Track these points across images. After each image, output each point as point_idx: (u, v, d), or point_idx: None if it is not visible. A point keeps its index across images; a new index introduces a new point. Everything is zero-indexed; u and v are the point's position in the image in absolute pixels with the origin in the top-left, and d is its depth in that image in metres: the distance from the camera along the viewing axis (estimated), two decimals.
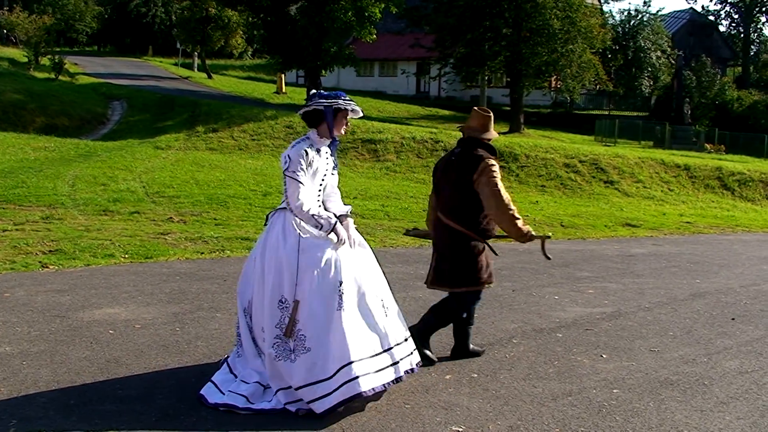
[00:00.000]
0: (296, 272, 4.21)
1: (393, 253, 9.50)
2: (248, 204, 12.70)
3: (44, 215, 10.48)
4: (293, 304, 4.19)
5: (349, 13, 29.72)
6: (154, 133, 22.42)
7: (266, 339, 4.25)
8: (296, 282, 4.20)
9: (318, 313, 4.18)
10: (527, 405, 4.46)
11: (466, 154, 5.09)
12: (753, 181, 22.59)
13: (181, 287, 6.98)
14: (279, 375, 4.21)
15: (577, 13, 33.00)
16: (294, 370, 4.14)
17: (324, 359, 4.12)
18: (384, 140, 21.42)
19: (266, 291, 4.26)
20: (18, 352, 4.94)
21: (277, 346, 4.20)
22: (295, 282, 4.21)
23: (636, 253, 10.92)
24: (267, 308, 4.24)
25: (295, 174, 4.32)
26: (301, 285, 4.20)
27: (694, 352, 5.76)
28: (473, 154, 5.06)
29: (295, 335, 4.17)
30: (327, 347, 4.14)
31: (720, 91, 42.85)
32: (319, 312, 4.18)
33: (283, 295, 4.22)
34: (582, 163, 21.25)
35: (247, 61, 59.68)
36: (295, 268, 4.21)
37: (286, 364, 4.16)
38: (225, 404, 4.18)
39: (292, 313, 4.18)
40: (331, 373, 4.10)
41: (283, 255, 4.25)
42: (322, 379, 4.10)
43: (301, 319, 4.17)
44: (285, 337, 4.18)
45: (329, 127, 4.47)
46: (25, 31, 36.48)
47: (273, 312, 4.23)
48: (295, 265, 4.22)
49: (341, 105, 4.48)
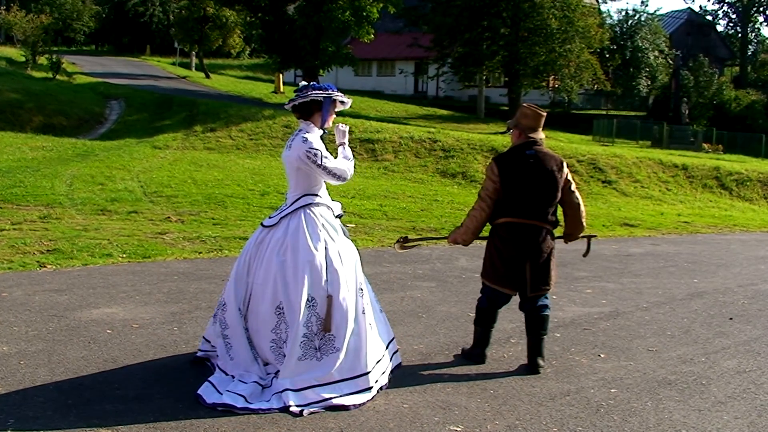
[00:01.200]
0: (325, 270, 4.31)
1: (391, 253, 9.49)
2: (246, 203, 12.69)
3: (42, 215, 10.46)
4: (327, 300, 4.27)
5: (347, 13, 29.71)
6: (151, 132, 22.39)
7: (290, 339, 4.26)
8: (326, 279, 4.31)
9: (346, 313, 4.32)
10: (525, 404, 4.46)
11: (545, 153, 5.04)
12: (751, 180, 22.61)
13: (179, 287, 6.98)
14: (297, 374, 4.23)
15: (574, 13, 33.04)
16: (319, 368, 4.24)
17: (351, 359, 4.29)
18: (382, 140, 21.42)
19: (291, 290, 4.29)
20: (16, 351, 4.94)
21: (303, 345, 4.25)
22: (325, 278, 4.31)
23: (634, 253, 10.92)
24: (294, 307, 4.27)
25: (327, 159, 4.45)
26: (331, 281, 4.32)
27: (692, 351, 5.77)
28: (553, 154, 5.07)
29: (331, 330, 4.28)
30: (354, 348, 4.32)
31: (718, 91, 42.92)
32: (347, 312, 4.33)
33: (311, 293, 4.29)
34: (580, 163, 21.26)
35: (244, 61, 59.63)
36: (325, 266, 4.32)
37: (311, 363, 4.24)
38: (223, 404, 4.17)
39: (328, 308, 4.26)
40: (356, 374, 4.29)
41: (309, 253, 4.32)
42: (347, 378, 4.27)
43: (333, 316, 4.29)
44: (322, 333, 4.27)
45: (323, 118, 4.55)
46: (22, 31, 36.41)
47: (302, 311, 4.26)
48: (322, 264, 4.31)
49: (337, 96, 4.56)
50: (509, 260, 4.97)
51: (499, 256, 5.00)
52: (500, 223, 5.01)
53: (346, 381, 4.27)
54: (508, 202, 4.97)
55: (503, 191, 4.96)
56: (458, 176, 19.59)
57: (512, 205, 4.96)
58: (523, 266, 4.97)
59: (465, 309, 6.60)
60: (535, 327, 5.05)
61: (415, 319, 6.29)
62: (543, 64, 33.66)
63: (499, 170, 4.96)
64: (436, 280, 7.96)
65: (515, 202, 4.96)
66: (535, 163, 4.98)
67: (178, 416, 4.06)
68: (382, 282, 7.52)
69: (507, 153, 5.11)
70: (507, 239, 4.97)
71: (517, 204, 4.96)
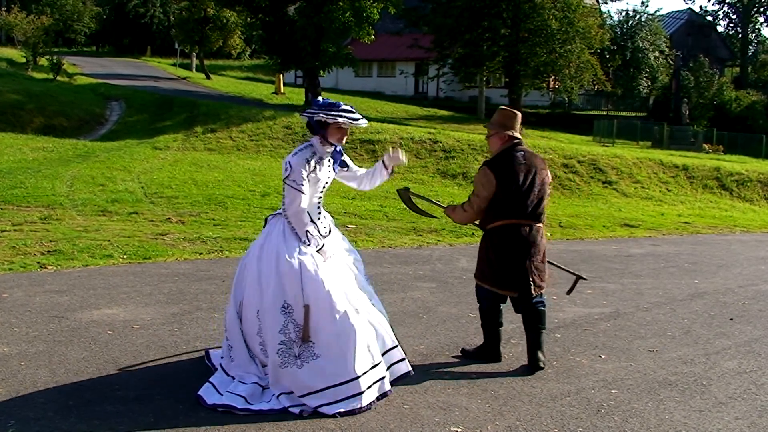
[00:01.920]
0: (300, 277, 4.22)
1: (392, 254, 9.49)
2: (247, 204, 12.69)
3: (42, 216, 10.47)
4: (304, 309, 4.19)
5: (348, 14, 29.69)
6: (152, 133, 22.39)
7: (269, 345, 4.25)
8: (302, 287, 4.21)
9: (326, 319, 4.20)
10: (526, 405, 4.46)
11: (531, 152, 5.15)
12: (751, 181, 22.60)
13: (180, 288, 6.98)
14: (281, 381, 4.22)
15: (575, 14, 33.03)
16: (300, 376, 4.17)
17: (335, 365, 4.17)
18: (382, 140, 21.41)
19: (266, 296, 4.26)
20: (16, 352, 4.94)
21: (281, 353, 4.20)
22: (301, 287, 4.21)
23: (634, 254, 10.92)
24: (269, 313, 4.24)
25: (296, 183, 4.32)
26: (306, 289, 4.21)
27: (692, 352, 5.77)
28: (535, 152, 5.17)
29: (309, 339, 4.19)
30: (337, 354, 4.19)
31: (718, 92, 42.90)
32: (327, 318, 4.20)
33: (286, 300, 4.22)
34: (580, 164, 21.25)
35: (245, 62, 59.62)
36: (299, 273, 4.22)
37: (291, 371, 4.18)
38: (223, 405, 4.17)
39: (305, 317, 4.18)
40: (342, 380, 4.16)
41: (284, 260, 4.25)
42: (332, 385, 4.14)
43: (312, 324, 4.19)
44: (302, 341, 4.19)
45: (323, 137, 4.45)
46: (23, 32, 36.42)
47: (276, 317, 4.22)
48: (298, 270, 4.22)
49: (322, 117, 4.38)
50: (510, 262, 4.97)
51: (498, 259, 5.00)
52: (497, 226, 5.01)
53: (332, 388, 4.16)
54: (505, 205, 4.97)
55: (500, 195, 4.96)
56: (459, 177, 19.58)
57: (508, 207, 4.97)
58: (524, 267, 4.98)
59: (465, 310, 6.60)
60: (534, 322, 5.09)
61: (416, 320, 6.29)
62: (543, 65, 33.65)
63: (496, 176, 4.96)
64: (436, 281, 7.96)
65: (511, 203, 4.97)
66: (526, 164, 5.03)
67: (179, 417, 4.06)
68: (382, 283, 7.52)
69: (498, 157, 5.08)
70: (506, 242, 4.98)
71: (514, 205, 4.97)
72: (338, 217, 11.48)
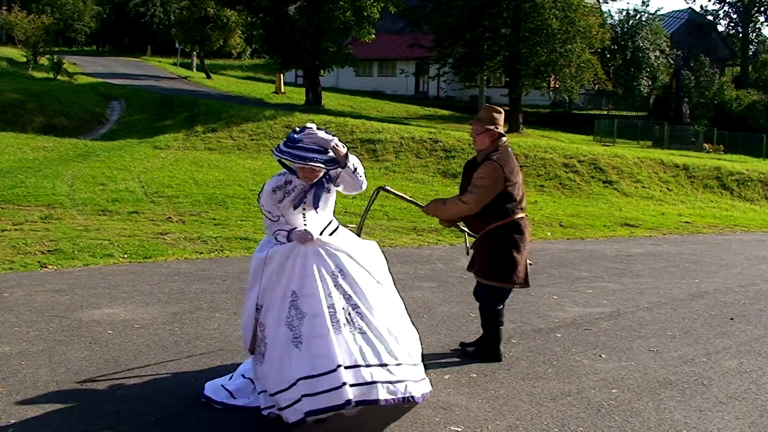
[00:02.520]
0: (261, 278, 4.15)
1: (392, 253, 9.49)
2: (247, 204, 12.69)
3: (43, 215, 10.47)
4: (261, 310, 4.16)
5: (348, 13, 29.71)
6: (152, 132, 22.39)
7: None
8: (262, 288, 4.13)
9: (271, 322, 4.06)
10: (526, 405, 4.46)
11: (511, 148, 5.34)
12: (752, 180, 22.60)
13: (180, 287, 6.98)
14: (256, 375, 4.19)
15: (575, 13, 33.00)
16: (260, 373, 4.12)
17: (277, 371, 3.95)
18: (383, 140, 21.41)
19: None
20: (17, 352, 4.94)
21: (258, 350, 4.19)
22: (261, 288, 4.14)
23: (635, 253, 10.92)
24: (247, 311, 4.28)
25: (261, 206, 4.33)
26: (264, 293, 4.14)
27: (693, 351, 5.77)
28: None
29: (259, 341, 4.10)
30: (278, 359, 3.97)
31: (719, 91, 42.89)
32: (272, 321, 4.06)
33: (257, 302, 4.17)
34: (581, 163, 21.25)
35: (245, 61, 59.62)
36: (260, 275, 4.16)
37: (258, 368, 4.15)
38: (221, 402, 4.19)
39: (262, 318, 4.12)
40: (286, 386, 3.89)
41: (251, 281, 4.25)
42: (281, 390, 3.90)
43: (265, 325, 4.10)
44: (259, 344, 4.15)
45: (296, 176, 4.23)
46: (23, 31, 36.42)
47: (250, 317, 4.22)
48: (260, 272, 4.17)
49: (282, 158, 4.12)
50: (518, 255, 5.15)
51: (517, 252, 5.14)
52: (514, 220, 5.13)
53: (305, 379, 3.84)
54: (513, 199, 5.14)
55: (509, 191, 5.10)
56: (459, 176, 19.53)
57: (517, 202, 5.17)
58: (525, 258, 5.22)
59: (466, 309, 6.60)
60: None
61: (416, 320, 6.26)
62: (544, 64, 33.63)
63: (504, 172, 5.07)
64: (436, 281, 7.96)
65: (519, 198, 5.17)
66: (516, 159, 5.29)
67: (179, 417, 4.06)
68: None
69: (503, 153, 5.16)
70: (518, 235, 5.15)
71: (520, 200, 5.20)
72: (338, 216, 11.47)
